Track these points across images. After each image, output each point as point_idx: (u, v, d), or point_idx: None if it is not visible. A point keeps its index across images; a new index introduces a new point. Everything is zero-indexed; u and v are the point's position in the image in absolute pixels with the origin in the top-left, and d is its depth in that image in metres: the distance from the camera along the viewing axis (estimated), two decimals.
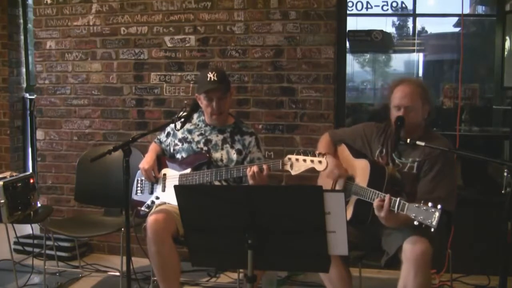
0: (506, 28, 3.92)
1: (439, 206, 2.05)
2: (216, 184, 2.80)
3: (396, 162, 2.56)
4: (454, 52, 6.62)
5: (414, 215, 2.11)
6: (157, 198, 2.92)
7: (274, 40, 3.67)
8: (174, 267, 2.66)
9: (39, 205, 3.47)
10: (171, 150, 3.00)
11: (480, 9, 7.23)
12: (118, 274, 3.44)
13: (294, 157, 2.47)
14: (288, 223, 1.86)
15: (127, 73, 3.96)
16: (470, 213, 3.25)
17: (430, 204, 2.08)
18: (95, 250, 4.10)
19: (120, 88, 3.98)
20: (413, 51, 7.31)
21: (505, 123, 4.72)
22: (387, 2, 6.98)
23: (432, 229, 2.05)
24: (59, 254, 3.76)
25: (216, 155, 2.86)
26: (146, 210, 2.92)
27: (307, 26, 3.61)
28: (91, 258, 3.99)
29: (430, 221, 2.05)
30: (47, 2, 4.05)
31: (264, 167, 2.55)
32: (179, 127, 2.80)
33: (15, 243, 3.88)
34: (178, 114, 2.76)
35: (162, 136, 3.09)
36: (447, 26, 6.80)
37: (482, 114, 5.14)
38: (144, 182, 2.99)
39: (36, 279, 3.51)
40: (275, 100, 3.71)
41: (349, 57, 5.57)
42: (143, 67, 3.92)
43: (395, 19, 7.74)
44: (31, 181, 3.38)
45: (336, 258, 2.39)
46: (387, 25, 7.63)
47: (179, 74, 3.86)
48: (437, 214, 2.03)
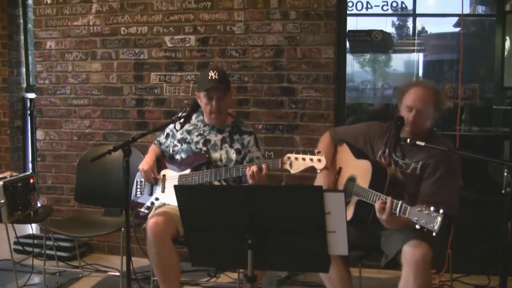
0: (506, 28, 3.92)
1: (441, 211, 2.03)
2: (216, 184, 2.80)
3: (400, 163, 2.55)
4: (454, 52, 6.62)
5: (416, 219, 2.09)
6: (156, 199, 2.92)
7: (274, 40, 3.67)
8: (174, 268, 2.67)
9: (39, 205, 3.47)
10: (171, 151, 3.00)
11: (480, 9, 7.23)
12: (118, 274, 3.44)
13: (293, 156, 2.47)
14: (288, 223, 1.86)
15: (127, 73, 3.96)
16: (470, 213, 3.25)
17: (432, 208, 2.06)
18: (95, 250, 4.10)
19: (120, 88, 3.99)
20: (413, 51, 7.31)
21: (505, 123, 4.72)
22: (387, 2, 6.99)
23: (434, 233, 2.04)
24: (59, 254, 3.76)
25: (215, 155, 2.86)
26: (146, 211, 2.92)
27: (307, 26, 3.61)
28: (91, 258, 3.99)
29: (432, 225, 2.03)
30: (47, 2, 4.05)
31: (263, 166, 2.55)
32: (178, 127, 2.80)
33: (15, 243, 3.88)
34: (178, 114, 2.76)
35: (162, 138, 3.09)
36: (447, 26, 6.80)
37: (482, 114, 5.14)
38: (143, 183, 2.99)
39: (36, 279, 3.51)
40: (275, 100, 3.71)
41: (349, 57, 5.58)
42: (143, 67, 3.92)
43: (395, 19, 7.73)
44: (31, 181, 3.38)
45: (336, 258, 2.39)
46: (387, 25, 7.64)
47: (179, 74, 3.86)
48: (439, 219, 2.01)
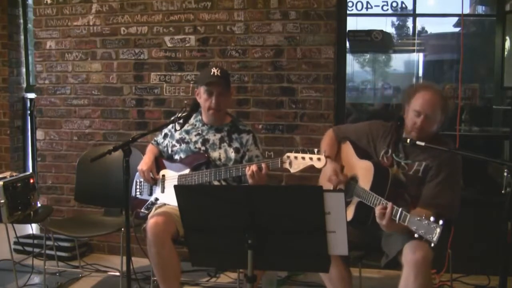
0: (506, 28, 3.92)
1: (441, 222, 2.01)
2: (215, 183, 2.80)
3: (402, 164, 2.54)
4: (454, 52, 6.62)
5: (415, 228, 2.08)
6: (156, 199, 2.92)
7: (274, 40, 3.67)
8: (174, 268, 2.67)
9: (39, 205, 3.47)
10: (169, 151, 3.00)
11: (480, 9, 7.23)
12: (118, 274, 3.44)
13: (292, 155, 2.46)
14: (288, 223, 1.86)
15: (127, 73, 3.96)
16: (470, 213, 3.25)
17: (432, 218, 2.04)
18: (95, 250, 4.10)
19: (120, 88, 3.98)
20: (413, 51, 7.31)
21: (505, 123, 4.72)
22: (387, 2, 6.99)
23: (432, 244, 2.03)
24: (59, 254, 3.76)
25: (214, 154, 2.86)
26: (146, 212, 2.92)
27: (307, 26, 3.61)
28: (91, 258, 3.99)
29: (430, 236, 2.02)
30: (47, 2, 4.05)
31: (263, 166, 2.55)
32: (178, 127, 2.80)
33: (15, 243, 3.88)
34: (178, 114, 2.75)
35: (159, 138, 3.09)
36: (447, 26, 6.80)
37: (482, 114, 5.14)
38: (142, 183, 2.99)
39: (36, 279, 3.51)
40: (275, 100, 3.71)
41: (349, 57, 5.58)
42: (143, 67, 3.92)
43: (395, 19, 7.73)
44: (31, 181, 3.38)
45: (337, 258, 2.39)
46: (387, 25, 7.64)
47: (179, 74, 3.86)
48: (438, 230, 2.00)
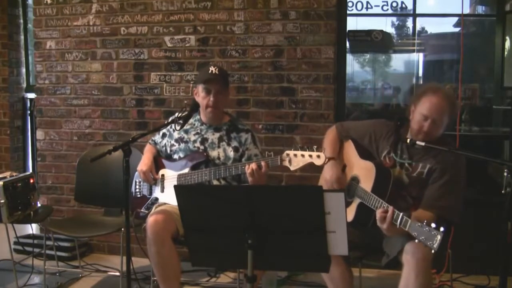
0: (506, 28, 3.92)
1: (442, 229, 2.01)
2: (215, 182, 2.80)
3: (406, 165, 2.53)
4: (454, 52, 6.63)
5: (416, 234, 2.07)
6: (156, 199, 2.93)
7: (274, 40, 3.67)
8: (174, 267, 2.66)
9: (39, 205, 3.47)
10: (168, 151, 2.99)
11: (480, 9, 7.24)
12: (118, 274, 3.44)
13: (292, 152, 2.46)
14: (288, 223, 1.86)
15: (127, 73, 3.96)
16: (470, 213, 3.24)
17: (433, 225, 2.03)
18: (95, 250, 4.10)
19: (120, 88, 3.99)
20: (413, 51, 7.31)
21: (505, 123, 4.72)
22: (387, 2, 6.99)
23: (433, 251, 2.02)
24: (59, 254, 3.76)
25: (213, 153, 2.86)
26: (146, 212, 2.92)
27: (307, 26, 3.61)
28: (91, 258, 3.99)
29: (431, 243, 2.01)
30: (47, 2, 4.05)
31: (262, 164, 2.54)
32: (179, 127, 2.80)
33: (15, 243, 3.88)
34: (178, 114, 2.75)
35: (157, 137, 3.09)
36: (447, 26, 6.80)
37: (482, 114, 5.15)
38: (142, 183, 2.99)
39: (36, 279, 3.51)
40: (275, 100, 3.71)
41: (349, 57, 5.58)
42: (143, 67, 3.92)
43: (395, 19, 7.73)
44: (31, 181, 3.38)
45: (338, 257, 2.39)
46: (387, 25, 7.64)
47: (179, 74, 3.86)
48: (438, 238, 1.99)
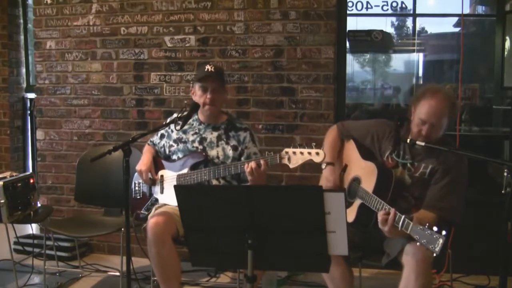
0: (506, 28, 3.92)
1: (444, 232, 2.00)
2: (214, 182, 2.80)
3: (408, 166, 2.53)
4: (454, 52, 6.63)
5: (418, 237, 2.07)
6: (156, 200, 2.92)
7: (274, 40, 3.67)
8: (174, 268, 2.67)
9: (39, 205, 3.47)
10: (167, 152, 2.99)
11: (480, 9, 7.24)
12: (118, 274, 3.44)
13: (291, 150, 2.45)
14: (288, 223, 1.86)
15: (127, 73, 3.96)
16: (470, 213, 3.24)
17: (435, 228, 2.02)
18: (95, 250, 4.10)
19: (120, 88, 3.99)
20: (413, 51, 7.31)
21: (505, 123, 4.72)
22: (387, 2, 6.98)
23: (435, 254, 2.02)
24: (59, 254, 3.76)
25: (212, 152, 2.86)
26: (146, 213, 2.91)
27: (307, 26, 3.61)
28: (91, 258, 3.99)
29: (433, 246, 2.00)
30: (47, 2, 4.05)
31: (262, 162, 2.54)
32: (179, 127, 2.80)
33: (15, 243, 3.88)
34: (178, 114, 2.75)
35: (156, 138, 3.08)
36: (447, 26, 6.80)
37: (482, 114, 5.15)
38: (141, 184, 2.99)
39: (36, 279, 3.51)
40: (275, 100, 3.71)
41: (349, 57, 5.58)
42: (143, 67, 3.92)
43: (395, 19, 7.74)
44: (31, 181, 3.38)
45: (338, 257, 2.38)
46: (387, 25, 7.64)
47: (179, 74, 3.86)
48: (440, 241, 1.98)
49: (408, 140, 2.42)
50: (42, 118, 4.17)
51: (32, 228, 3.89)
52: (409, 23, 7.62)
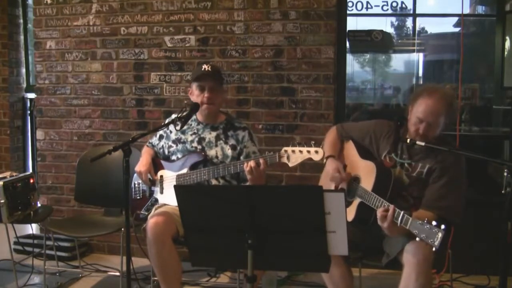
0: (506, 28, 3.92)
1: (443, 227, 2.00)
2: (214, 182, 2.80)
3: (405, 165, 2.53)
4: (454, 52, 6.62)
5: (417, 232, 2.07)
6: (155, 200, 2.92)
7: (274, 40, 3.67)
8: (174, 268, 2.66)
9: (39, 205, 3.47)
10: (166, 153, 2.99)
11: (480, 9, 7.23)
12: (118, 274, 3.44)
13: (290, 149, 2.45)
14: (288, 223, 1.86)
15: (127, 73, 3.96)
16: (470, 213, 3.23)
17: (434, 223, 2.03)
18: (95, 250, 4.10)
19: (120, 88, 3.99)
20: (413, 51, 7.31)
21: (505, 123, 4.72)
22: (387, 2, 6.98)
23: (434, 248, 2.02)
24: (59, 254, 3.76)
25: (211, 152, 2.86)
26: (146, 213, 2.91)
27: (307, 26, 3.61)
28: (91, 258, 3.99)
29: (432, 240, 2.01)
30: (47, 2, 4.05)
31: (261, 161, 2.54)
32: (178, 127, 2.80)
33: (15, 243, 3.89)
34: (178, 115, 2.75)
35: (154, 140, 3.08)
36: (447, 26, 6.80)
37: (482, 114, 5.15)
38: (141, 185, 2.99)
39: (36, 279, 3.51)
40: (275, 100, 3.71)
41: (349, 57, 5.57)
42: (143, 67, 3.92)
43: (395, 19, 7.73)
44: (31, 181, 3.38)
45: (338, 258, 2.39)
46: (387, 25, 7.64)
47: (179, 74, 3.86)
48: (439, 235, 1.99)
49: (408, 140, 2.42)
50: (42, 118, 4.17)
51: (32, 228, 3.89)
52: (409, 23, 7.62)
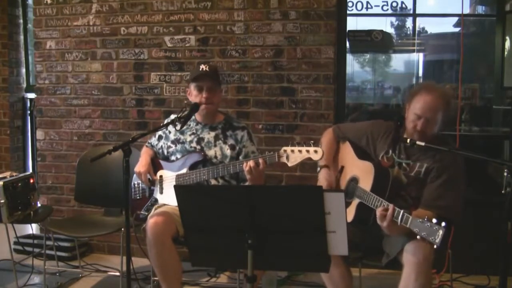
0: (506, 28, 3.92)
1: (443, 224, 2.00)
2: (213, 181, 2.80)
3: (403, 165, 2.53)
4: (454, 52, 6.62)
5: (417, 230, 2.07)
6: (155, 200, 2.92)
7: (274, 40, 3.67)
8: (174, 268, 2.67)
9: (39, 205, 3.48)
10: (165, 153, 2.99)
11: (480, 9, 7.23)
12: (118, 274, 3.44)
13: (289, 148, 2.45)
14: (288, 223, 1.86)
15: (127, 73, 3.96)
16: (470, 213, 3.24)
17: (435, 220, 2.03)
18: (95, 250, 4.10)
19: (120, 88, 3.99)
20: (413, 51, 7.31)
21: (505, 123, 4.72)
22: (387, 2, 6.98)
23: (435, 246, 2.02)
24: (59, 254, 3.76)
25: (210, 152, 2.86)
26: (145, 214, 2.91)
27: (307, 26, 3.61)
28: (91, 258, 3.99)
29: (433, 238, 2.01)
30: (47, 2, 4.05)
31: (260, 161, 2.54)
32: (178, 128, 2.80)
33: (15, 243, 3.89)
34: (178, 115, 2.75)
35: (153, 140, 3.08)
36: (447, 26, 6.80)
37: (482, 114, 5.14)
38: (140, 185, 2.99)
39: (36, 279, 3.51)
40: (275, 100, 3.71)
41: (349, 57, 5.57)
42: (143, 67, 3.92)
43: (395, 19, 7.73)
44: (31, 181, 3.38)
45: (337, 258, 2.39)
46: (387, 25, 7.64)
47: (179, 74, 3.86)
48: (440, 232, 1.99)
49: (408, 141, 2.42)
50: (42, 118, 4.17)
51: (32, 228, 3.89)
52: (409, 23, 7.62)
